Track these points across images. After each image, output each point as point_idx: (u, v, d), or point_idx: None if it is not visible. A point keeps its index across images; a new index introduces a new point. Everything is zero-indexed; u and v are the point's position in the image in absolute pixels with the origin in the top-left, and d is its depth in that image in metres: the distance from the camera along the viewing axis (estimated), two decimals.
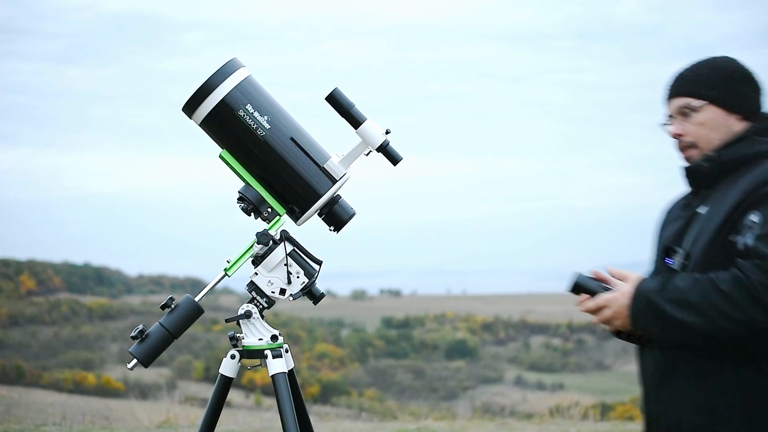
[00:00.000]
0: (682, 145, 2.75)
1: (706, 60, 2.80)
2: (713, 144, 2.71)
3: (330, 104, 2.71)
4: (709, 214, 2.64)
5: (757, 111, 2.76)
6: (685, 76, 2.78)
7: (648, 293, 2.58)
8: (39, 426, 7.55)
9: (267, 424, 8.98)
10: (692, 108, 2.73)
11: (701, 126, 2.73)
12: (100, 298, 66.25)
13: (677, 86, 2.78)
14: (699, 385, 2.60)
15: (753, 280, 2.47)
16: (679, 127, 2.75)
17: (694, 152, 2.74)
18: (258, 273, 2.74)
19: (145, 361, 2.67)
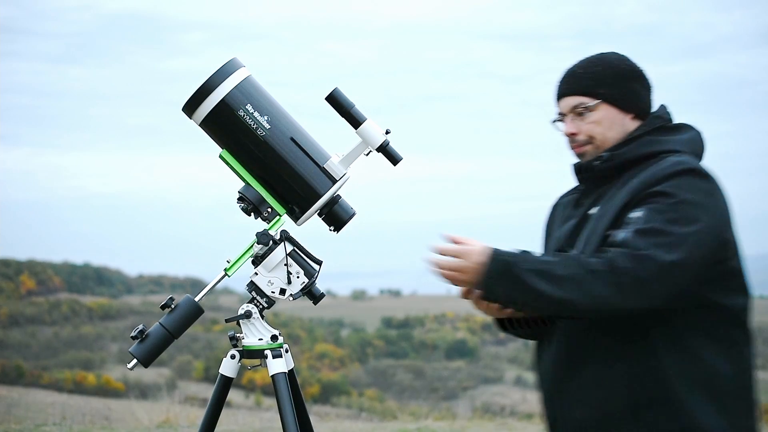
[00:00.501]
0: (575, 143, 2.73)
1: (598, 57, 2.77)
2: (609, 142, 2.70)
3: (330, 104, 2.71)
4: (599, 215, 2.63)
5: (648, 110, 2.75)
6: (577, 73, 2.75)
7: (508, 257, 2.54)
8: (39, 426, 7.55)
9: (267, 424, 8.98)
10: (586, 107, 2.70)
11: (596, 124, 2.70)
12: (100, 298, 66.23)
13: (570, 84, 2.74)
14: (593, 386, 2.59)
15: (620, 265, 2.46)
16: (572, 125, 2.72)
17: (588, 148, 2.71)
18: (258, 273, 2.74)
19: (145, 361, 2.67)
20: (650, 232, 2.50)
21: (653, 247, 2.48)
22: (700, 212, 2.54)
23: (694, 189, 2.57)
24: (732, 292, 2.64)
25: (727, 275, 2.62)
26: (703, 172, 2.59)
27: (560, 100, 2.76)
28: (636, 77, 2.76)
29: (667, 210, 2.52)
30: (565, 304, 2.49)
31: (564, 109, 2.74)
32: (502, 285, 2.52)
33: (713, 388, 2.59)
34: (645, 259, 2.47)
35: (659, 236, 2.49)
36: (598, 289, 2.47)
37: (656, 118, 2.74)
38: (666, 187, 2.56)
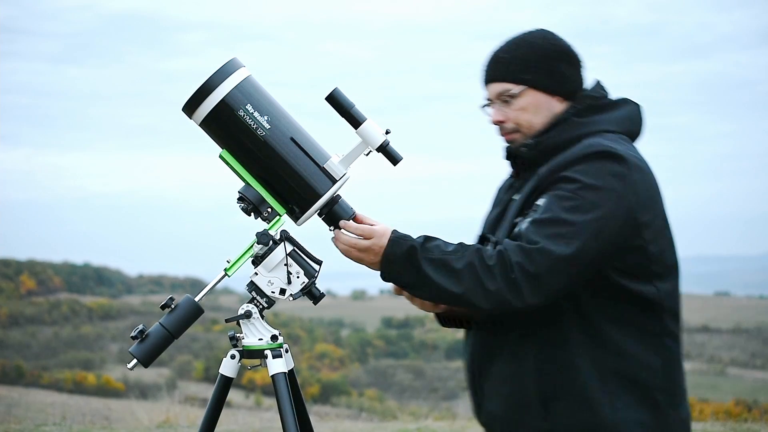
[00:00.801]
0: (503, 131, 2.70)
1: (522, 39, 2.70)
2: (536, 128, 2.66)
3: (330, 104, 2.71)
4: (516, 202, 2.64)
5: (578, 89, 2.69)
6: (501, 59, 2.70)
7: (410, 241, 2.53)
8: (39, 426, 7.55)
9: (267, 424, 8.97)
10: (512, 94, 2.66)
11: (523, 111, 2.67)
12: (100, 298, 66.22)
13: (494, 71, 2.70)
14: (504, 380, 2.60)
15: (512, 260, 2.44)
16: (499, 113, 2.69)
17: (517, 136, 2.68)
18: (258, 273, 2.74)
19: (145, 361, 2.67)
20: (547, 222, 2.47)
21: (547, 238, 2.45)
22: (604, 197, 2.48)
23: (601, 173, 2.51)
24: (649, 278, 2.56)
25: (642, 261, 2.55)
26: (615, 153, 2.53)
27: (486, 86, 2.72)
28: (563, 57, 2.69)
29: (568, 197, 2.49)
30: (460, 299, 2.50)
31: (490, 95, 2.70)
32: (401, 270, 2.53)
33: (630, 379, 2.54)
34: (537, 253, 2.44)
35: (555, 226, 2.46)
36: (491, 285, 2.46)
37: (585, 98, 2.68)
38: (572, 172, 2.52)
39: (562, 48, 2.70)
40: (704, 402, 18.52)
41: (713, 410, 10.90)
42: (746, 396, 29.09)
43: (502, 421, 2.62)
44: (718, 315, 76.67)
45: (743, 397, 26.11)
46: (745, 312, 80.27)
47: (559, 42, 2.70)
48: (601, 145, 2.54)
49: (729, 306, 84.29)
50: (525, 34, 2.72)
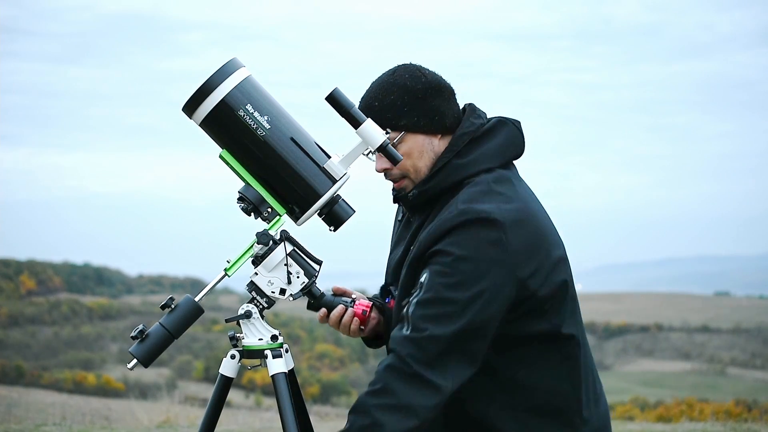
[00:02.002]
0: (390, 177, 2.69)
1: (389, 82, 2.68)
2: (422, 171, 2.66)
3: (330, 104, 2.70)
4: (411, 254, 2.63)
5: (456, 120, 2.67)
6: (374, 107, 2.67)
7: None
8: (39, 426, 7.55)
9: (267, 424, 8.98)
10: (393, 143, 2.64)
11: (407, 157, 2.66)
12: (100, 298, 66.27)
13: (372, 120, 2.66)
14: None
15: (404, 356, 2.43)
16: (382, 161, 2.68)
17: (405, 182, 2.69)
18: (258, 273, 2.73)
19: (145, 361, 2.67)
20: (430, 303, 2.46)
21: (433, 321, 2.44)
22: (483, 269, 2.46)
23: (475, 243, 2.48)
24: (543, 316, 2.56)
25: (534, 306, 2.54)
26: (488, 218, 2.49)
27: None
28: (434, 93, 2.67)
29: (446, 272, 2.46)
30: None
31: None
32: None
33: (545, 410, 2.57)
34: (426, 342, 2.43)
35: (439, 306, 2.45)
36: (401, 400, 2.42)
37: (462, 135, 2.66)
38: (446, 244, 2.49)
39: (431, 84, 2.67)
40: (704, 402, 18.51)
41: (713, 410, 10.90)
42: (746, 396, 29.11)
43: None
44: (718, 315, 76.71)
45: (743, 397, 26.11)
46: (745, 312, 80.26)
47: (427, 77, 2.67)
48: (473, 211, 2.50)
49: (729, 306, 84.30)
50: (390, 75, 2.69)
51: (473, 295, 2.44)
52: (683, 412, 12.34)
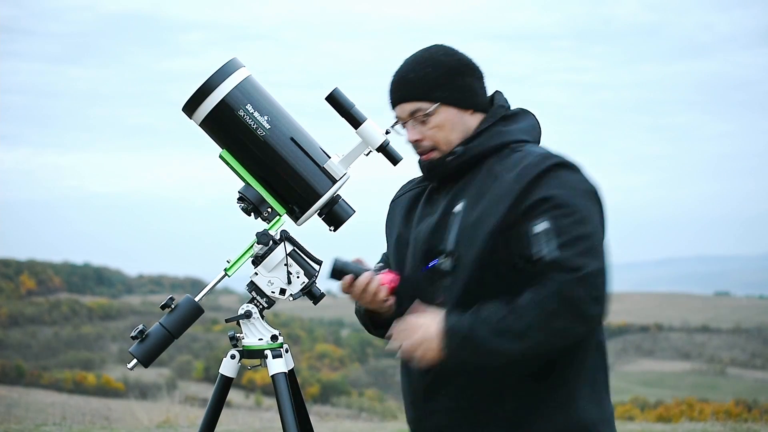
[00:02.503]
0: (420, 149, 2.67)
1: (424, 56, 2.68)
2: (453, 144, 2.64)
3: (330, 104, 2.71)
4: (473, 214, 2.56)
5: (485, 101, 2.70)
6: (410, 79, 2.66)
7: (461, 329, 2.47)
8: (39, 426, 7.56)
9: (267, 424, 8.98)
10: (427, 113, 2.64)
11: (439, 129, 2.64)
12: (100, 298, 66.30)
13: (404, 91, 2.67)
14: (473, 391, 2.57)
15: (576, 296, 2.41)
16: (415, 132, 2.66)
17: (434, 154, 2.66)
18: (258, 273, 2.73)
19: (145, 361, 2.67)
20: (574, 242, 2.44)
21: (582, 258, 2.43)
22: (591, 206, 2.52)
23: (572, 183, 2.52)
24: None
25: None
26: (574, 165, 2.56)
27: (396, 106, 2.69)
28: (467, 70, 2.68)
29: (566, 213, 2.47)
30: (532, 351, 2.46)
31: (402, 115, 2.67)
32: (463, 357, 2.47)
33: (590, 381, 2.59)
34: (591, 277, 2.43)
35: (582, 242, 2.45)
36: (561, 326, 2.43)
37: (499, 108, 2.69)
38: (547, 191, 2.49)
39: (465, 62, 2.69)
40: (704, 402, 18.51)
41: (713, 410, 10.91)
42: (746, 396, 29.12)
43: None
44: (718, 315, 76.74)
45: (743, 397, 26.12)
46: (745, 312, 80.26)
47: (462, 56, 2.70)
48: (556, 157, 2.54)
49: (729, 306, 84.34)
50: (425, 51, 2.71)
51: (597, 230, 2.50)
52: (683, 412, 12.36)
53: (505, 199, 2.51)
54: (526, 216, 2.48)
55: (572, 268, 2.42)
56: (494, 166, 2.59)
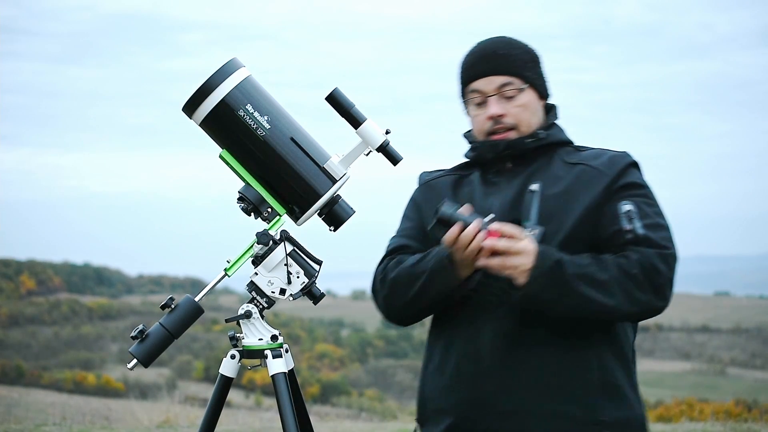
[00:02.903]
0: (501, 126, 2.66)
1: (506, 39, 2.72)
2: (531, 128, 2.67)
3: (330, 104, 2.71)
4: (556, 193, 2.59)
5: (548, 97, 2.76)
6: (502, 54, 2.68)
7: (552, 256, 2.47)
8: (39, 426, 7.56)
9: (267, 424, 8.98)
10: (519, 89, 2.66)
11: (524, 109, 2.66)
12: (100, 298, 66.30)
13: (496, 64, 2.67)
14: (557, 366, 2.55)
15: (659, 269, 2.48)
16: (500, 106, 2.65)
17: (512, 134, 2.66)
18: (258, 273, 2.73)
19: (145, 361, 2.67)
20: (657, 227, 2.54)
21: (665, 242, 2.53)
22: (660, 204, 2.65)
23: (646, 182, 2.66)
24: None
25: None
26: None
27: (480, 79, 2.68)
28: (540, 62, 2.75)
29: (650, 203, 2.59)
30: (609, 310, 2.47)
31: (487, 88, 2.67)
32: (548, 287, 2.45)
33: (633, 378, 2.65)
34: (672, 259, 2.51)
35: (662, 230, 2.55)
36: (640, 295, 2.47)
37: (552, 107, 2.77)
38: (635, 178, 2.62)
39: (537, 54, 2.75)
40: (704, 402, 18.50)
41: (713, 410, 10.90)
42: (746, 396, 29.11)
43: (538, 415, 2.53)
44: (718, 315, 76.71)
45: (743, 397, 26.12)
46: (745, 312, 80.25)
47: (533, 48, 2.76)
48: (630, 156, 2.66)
49: (729, 306, 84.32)
50: (501, 37, 2.74)
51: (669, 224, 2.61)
52: (683, 412, 12.35)
53: (596, 182, 2.59)
54: (615, 196, 2.57)
55: (657, 245, 2.51)
56: (564, 157, 2.67)
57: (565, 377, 2.54)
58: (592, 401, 2.54)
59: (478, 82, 2.69)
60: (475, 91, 2.70)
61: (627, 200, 2.56)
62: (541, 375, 2.54)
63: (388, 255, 2.80)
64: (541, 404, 2.53)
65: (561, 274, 2.45)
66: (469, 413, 2.60)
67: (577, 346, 2.56)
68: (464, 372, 2.62)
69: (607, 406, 2.55)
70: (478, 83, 2.69)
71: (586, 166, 2.63)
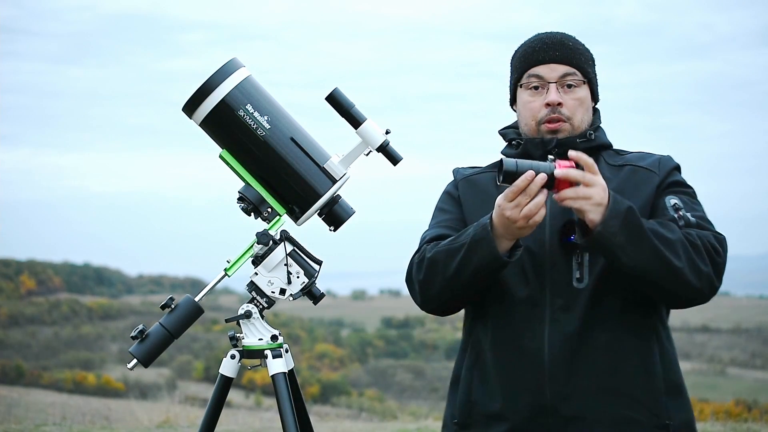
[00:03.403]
0: (557, 115, 2.62)
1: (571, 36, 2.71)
2: (584, 124, 2.65)
3: (330, 104, 2.71)
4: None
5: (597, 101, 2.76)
6: (570, 46, 2.66)
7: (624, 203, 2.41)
8: (39, 426, 7.56)
9: (267, 424, 8.98)
10: (582, 81, 2.65)
11: (580, 104, 2.65)
12: (100, 298, 66.27)
13: (564, 53, 2.65)
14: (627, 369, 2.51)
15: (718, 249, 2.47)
16: (560, 95, 2.63)
17: (565, 126, 2.62)
18: (258, 273, 2.73)
19: (145, 361, 2.67)
20: (705, 220, 2.55)
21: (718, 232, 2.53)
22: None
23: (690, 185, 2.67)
24: None
25: None
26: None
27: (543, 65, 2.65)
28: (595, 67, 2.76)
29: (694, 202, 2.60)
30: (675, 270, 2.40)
31: (550, 75, 2.64)
32: (621, 229, 2.37)
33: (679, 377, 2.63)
34: (725, 244, 2.50)
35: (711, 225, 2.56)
36: (703, 265, 2.43)
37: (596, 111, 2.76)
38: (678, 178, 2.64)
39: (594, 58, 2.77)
40: (704, 402, 18.51)
41: (713, 410, 10.89)
42: (746, 396, 29.11)
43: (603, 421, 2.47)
44: (718, 315, 76.66)
45: (743, 397, 26.12)
46: (745, 312, 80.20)
47: None
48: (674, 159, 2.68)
49: (729, 306, 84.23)
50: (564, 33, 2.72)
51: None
52: None
53: (648, 182, 2.60)
54: (663, 193, 2.58)
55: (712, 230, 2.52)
56: (607, 159, 2.67)
57: (630, 381, 2.49)
58: (658, 405, 2.49)
59: (540, 68, 2.64)
60: (535, 76, 2.65)
61: (674, 196, 2.57)
62: (604, 379, 2.48)
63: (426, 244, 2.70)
64: (605, 410, 2.47)
65: (635, 219, 2.39)
66: (530, 419, 2.51)
67: (640, 348, 2.52)
68: (523, 376, 2.53)
69: (671, 408, 2.51)
70: (540, 69, 2.64)
71: (634, 166, 2.63)
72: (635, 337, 2.52)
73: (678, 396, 2.54)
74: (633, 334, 2.52)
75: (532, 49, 2.68)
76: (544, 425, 2.50)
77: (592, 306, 2.50)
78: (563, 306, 2.52)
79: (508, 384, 2.55)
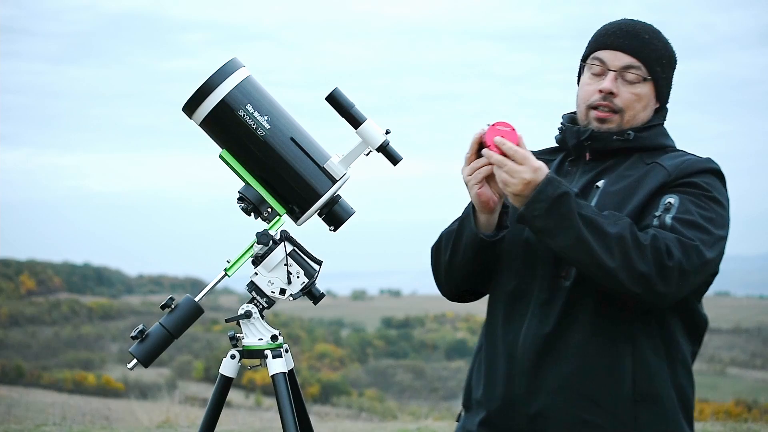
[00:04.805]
0: (607, 104, 2.57)
1: (655, 30, 2.64)
2: (637, 121, 2.59)
3: (330, 104, 2.71)
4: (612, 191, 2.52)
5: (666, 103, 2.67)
6: (642, 38, 2.60)
7: (563, 189, 2.35)
8: (39, 426, 7.55)
9: (267, 424, 8.98)
10: (640, 75, 2.58)
11: (637, 99, 2.58)
12: (100, 298, 66.23)
13: (632, 43, 2.59)
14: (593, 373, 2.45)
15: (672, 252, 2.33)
16: (615, 85, 2.57)
17: (615, 117, 2.57)
18: (258, 273, 2.73)
19: (145, 361, 2.67)
20: (693, 225, 2.40)
21: (698, 241, 2.38)
22: (727, 218, 2.48)
23: (722, 193, 2.50)
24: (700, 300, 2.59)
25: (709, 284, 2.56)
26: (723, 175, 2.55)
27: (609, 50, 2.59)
28: (675, 67, 2.67)
29: (702, 206, 2.44)
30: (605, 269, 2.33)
31: (612, 62, 2.58)
32: (546, 212, 2.33)
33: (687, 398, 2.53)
34: (693, 251, 2.36)
35: (700, 231, 2.40)
36: (642, 265, 2.32)
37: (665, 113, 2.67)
38: (701, 180, 2.48)
39: (676, 59, 2.67)
40: (704, 402, 18.51)
41: (713, 410, 10.90)
42: (746, 396, 29.09)
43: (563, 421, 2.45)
44: (718, 315, 76.69)
45: (743, 397, 26.11)
46: (745, 312, 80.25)
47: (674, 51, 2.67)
48: (717, 165, 2.54)
49: (729, 306, 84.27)
50: (651, 26, 2.65)
51: (722, 236, 2.45)
52: None
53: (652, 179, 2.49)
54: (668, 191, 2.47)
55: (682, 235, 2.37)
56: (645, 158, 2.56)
57: (594, 385, 2.45)
58: (624, 412, 2.44)
59: (605, 52, 2.59)
60: (598, 59, 2.61)
61: (674, 194, 2.46)
62: (569, 379, 2.46)
63: None
64: (567, 410, 2.46)
65: (565, 206, 2.33)
66: (501, 411, 2.55)
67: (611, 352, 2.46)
68: (500, 370, 2.57)
69: (642, 417, 2.44)
70: (604, 53, 2.59)
71: (658, 164, 2.53)
72: (608, 340, 2.47)
73: (653, 406, 2.46)
74: (606, 338, 2.47)
75: (605, 31, 2.63)
76: (513, 418, 2.53)
77: (572, 305, 2.50)
78: (545, 301, 2.52)
79: (488, 374, 2.61)
